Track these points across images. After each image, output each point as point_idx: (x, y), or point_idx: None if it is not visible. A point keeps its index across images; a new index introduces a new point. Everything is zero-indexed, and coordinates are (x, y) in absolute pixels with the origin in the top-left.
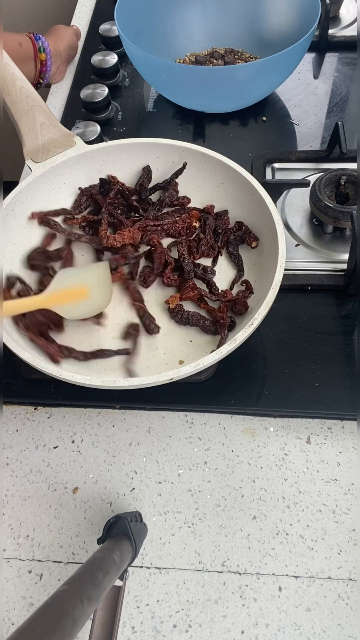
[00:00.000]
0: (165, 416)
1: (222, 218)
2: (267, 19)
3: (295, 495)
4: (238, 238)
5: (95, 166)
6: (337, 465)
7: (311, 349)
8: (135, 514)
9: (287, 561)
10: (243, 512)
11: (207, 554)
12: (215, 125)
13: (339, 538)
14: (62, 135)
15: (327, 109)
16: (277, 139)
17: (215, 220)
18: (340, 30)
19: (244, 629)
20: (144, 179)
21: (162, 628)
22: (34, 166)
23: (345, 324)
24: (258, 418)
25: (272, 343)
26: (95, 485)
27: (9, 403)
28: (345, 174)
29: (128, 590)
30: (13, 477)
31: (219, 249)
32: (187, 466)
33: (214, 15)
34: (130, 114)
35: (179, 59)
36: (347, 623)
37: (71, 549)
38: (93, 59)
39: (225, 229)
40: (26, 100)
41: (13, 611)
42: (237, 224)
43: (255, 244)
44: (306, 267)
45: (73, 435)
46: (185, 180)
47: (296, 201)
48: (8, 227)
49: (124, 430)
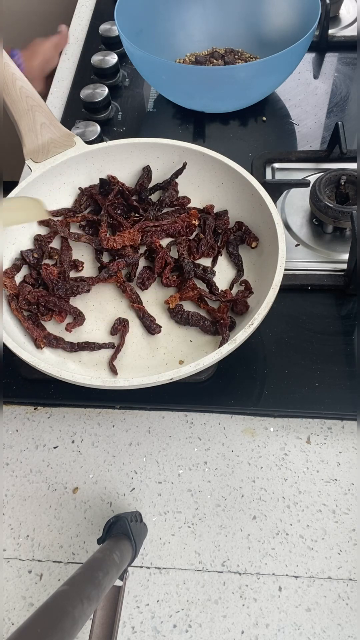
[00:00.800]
0: (165, 416)
1: (222, 218)
2: (267, 19)
3: (295, 495)
4: (238, 238)
5: (95, 166)
6: (337, 465)
7: (311, 349)
8: (135, 514)
9: (287, 561)
10: (243, 512)
11: (207, 554)
12: (215, 125)
13: (339, 538)
14: (62, 135)
15: (327, 109)
16: (277, 139)
17: (215, 220)
18: (340, 30)
19: (244, 629)
20: (144, 179)
21: (162, 628)
22: (34, 166)
23: (345, 324)
24: (258, 418)
25: (272, 343)
26: (95, 485)
27: (9, 403)
28: (345, 174)
29: (128, 590)
30: (13, 477)
31: (219, 249)
32: (187, 466)
33: (214, 15)
34: (130, 114)
35: (179, 59)
36: (347, 623)
37: (71, 549)
38: (93, 59)
39: (225, 229)
40: (26, 100)
41: (13, 611)
42: (237, 224)
43: (255, 244)
44: (306, 267)
45: (73, 435)
46: (185, 180)
47: (296, 201)
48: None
49: (124, 430)
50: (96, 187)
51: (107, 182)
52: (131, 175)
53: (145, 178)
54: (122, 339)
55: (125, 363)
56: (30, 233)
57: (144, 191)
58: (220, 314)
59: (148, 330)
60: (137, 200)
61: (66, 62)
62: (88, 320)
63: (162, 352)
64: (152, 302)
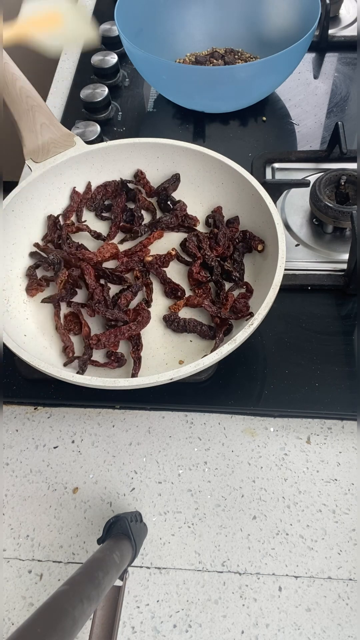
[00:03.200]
0: (165, 416)
1: (232, 225)
2: (267, 19)
3: (295, 495)
4: (244, 246)
5: (95, 166)
6: (337, 465)
7: (311, 349)
8: (135, 514)
9: (287, 561)
10: (243, 512)
11: (207, 554)
12: (215, 125)
13: (339, 538)
14: (62, 135)
15: (327, 109)
16: (277, 139)
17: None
18: (340, 30)
19: (244, 629)
20: (170, 185)
21: (162, 628)
22: (34, 166)
23: (345, 324)
24: (258, 418)
25: (272, 343)
26: (95, 485)
27: (9, 403)
28: (345, 174)
29: (128, 590)
30: (13, 477)
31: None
32: (187, 466)
33: (214, 15)
34: (130, 114)
35: (179, 59)
36: (347, 623)
37: (71, 549)
38: (93, 59)
39: (231, 237)
40: (26, 100)
41: (13, 611)
42: (241, 233)
43: (262, 247)
44: (306, 267)
45: (73, 435)
46: (185, 180)
47: (296, 201)
48: (8, 227)
49: (124, 430)
50: (111, 184)
51: (127, 187)
52: (131, 176)
53: (172, 184)
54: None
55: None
56: (30, 233)
57: (164, 196)
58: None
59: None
60: (157, 202)
61: (66, 62)
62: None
63: (162, 352)
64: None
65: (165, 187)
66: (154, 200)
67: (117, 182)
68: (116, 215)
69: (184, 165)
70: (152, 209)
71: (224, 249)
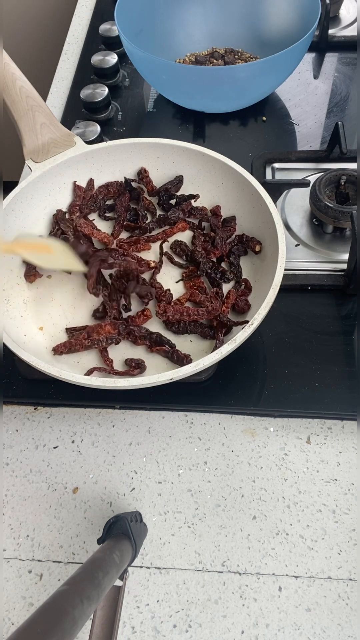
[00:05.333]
0: (165, 416)
1: (229, 224)
2: (267, 19)
3: (295, 495)
4: (241, 249)
5: (95, 166)
6: (337, 465)
7: (311, 349)
8: (135, 514)
9: (287, 561)
10: (243, 512)
11: (207, 554)
12: (215, 125)
13: (339, 538)
14: (62, 135)
15: (327, 109)
16: (277, 139)
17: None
18: (340, 30)
19: (244, 629)
20: (172, 186)
21: (162, 628)
22: (34, 166)
23: (345, 324)
24: (258, 418)
25: (272, 343)
26: (95, 485)
27: (9, 403)
28: (345, 174)
29: (128, 590)
30: (13, 477)
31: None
32: (187, 466)
33: (214, 15)
34: (130, 114)
35: (179, 59)
36: (347, 623)
37: (71, 549)
38: (93, 59)
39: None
40: (26, 100)
41: (13, 611)
42: (237, 238)
43: (259, 248)
44: (306, 267)
45: (73, 435)
46: (185, 180)
47: (296, 201)
48: (8, 227)
49: (124, 430)
50: (114, 184)
51: (132, 186)
52: (131, 176)
53: (174, 185)
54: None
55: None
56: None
57: (166, 196)
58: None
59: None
60: (159, 202)
61: (66, 62)
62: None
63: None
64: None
65: (167, 188)
66: (154, 199)
67: (119, 182)
68: (120, 214)
69: (184, 165)
70: (152, 208)
71: (221, 252)
